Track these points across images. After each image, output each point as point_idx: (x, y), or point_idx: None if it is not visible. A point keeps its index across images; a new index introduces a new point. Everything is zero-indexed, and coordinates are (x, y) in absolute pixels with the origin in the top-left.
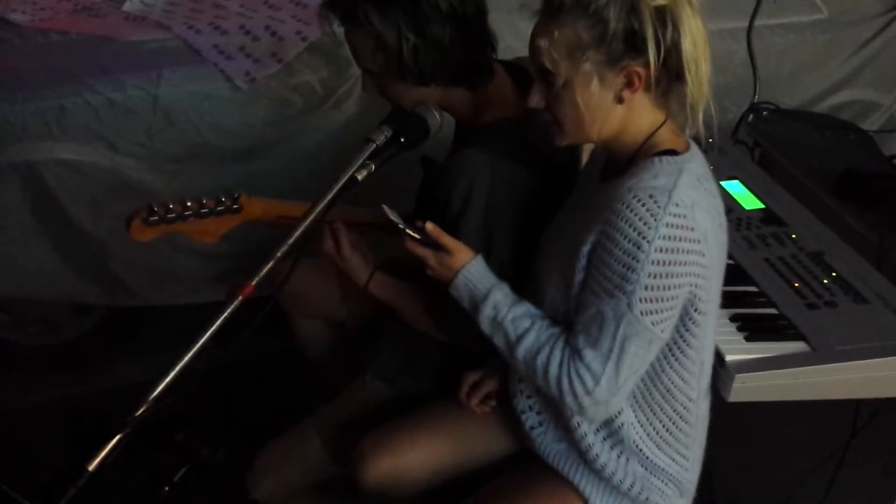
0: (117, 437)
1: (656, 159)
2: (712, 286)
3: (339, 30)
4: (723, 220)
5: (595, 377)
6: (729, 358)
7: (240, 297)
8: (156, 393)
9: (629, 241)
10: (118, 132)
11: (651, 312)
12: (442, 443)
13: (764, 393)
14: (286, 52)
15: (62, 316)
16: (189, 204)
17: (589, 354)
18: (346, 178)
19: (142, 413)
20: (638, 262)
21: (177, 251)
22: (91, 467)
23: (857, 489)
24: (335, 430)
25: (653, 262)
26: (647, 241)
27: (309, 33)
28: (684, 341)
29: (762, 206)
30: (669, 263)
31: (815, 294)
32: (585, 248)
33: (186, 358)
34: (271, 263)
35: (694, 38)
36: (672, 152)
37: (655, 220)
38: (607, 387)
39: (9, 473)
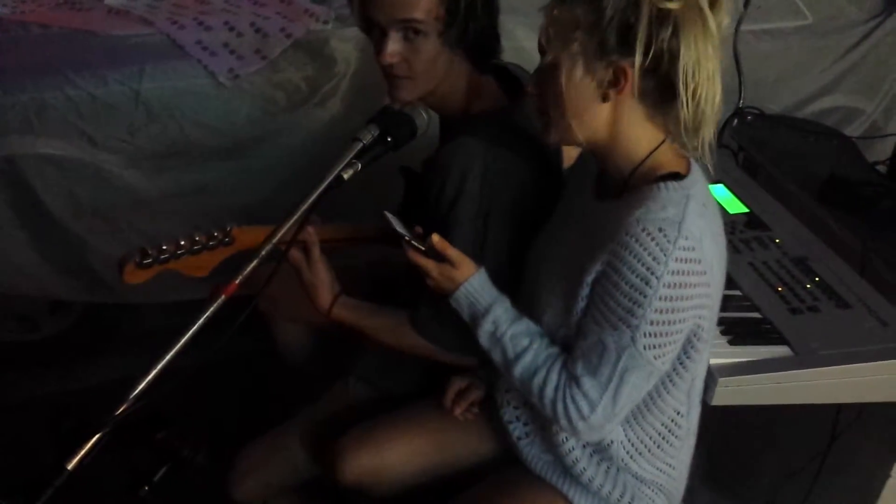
0: (97, 435)
1: (662, 185)
2: (714, 313)
3: (326, 27)
4: (724, 240)
5: (591, 405)
6: (712, 362)
7: (223, 297)
8: (136, 391)
9: (637, 276)
10: (99, 127)
11: (654, 346)
12: (423, 442)
13: (746, 397)
14: (270, 49)
15: (40, 313)
16: (182, 242)
17: (587, 382)
18: (333, 176)
19: (122, 412)
20: (645, 297)
21: None
22: (70, 466)
23: (836, 494)
24: (317, 431)
25: (660, 298)
26: (656, 277)
27: (294, 30)
28: (682, 366)
29: (746, 210)
30: (676, 298)
31: (799, 299)
32: (589, 278)
33: (168, 356)
34: (255, 262)
35: (698, 56)
36: (676, 175)
37: (665, 254)
38: (603, 414)
39: None
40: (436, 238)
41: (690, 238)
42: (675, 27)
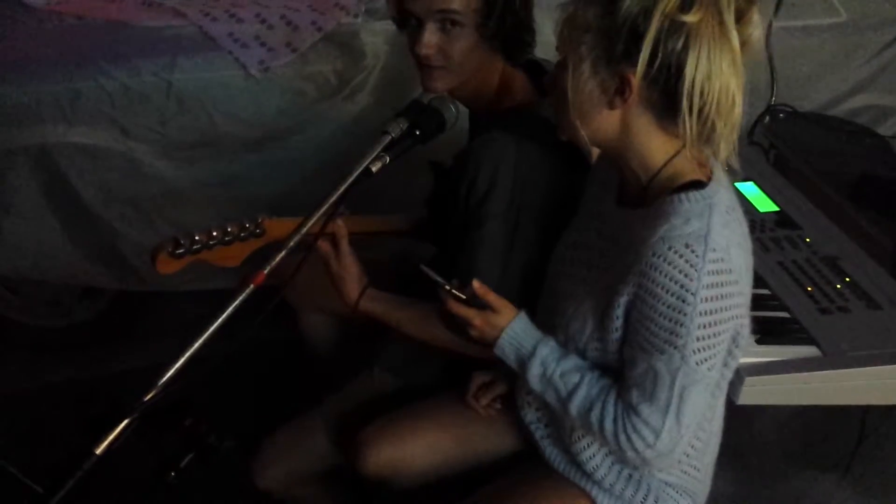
0: (126, 421)
1: (683, 197)
2: (748, 315)
3: (356, 20)
4: (749, 244)
5: (655, 431)
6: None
7: (251, 286)
8: (165, 378)
9: (673, 296)
10: (131, 117)
11: (705, 360)
12: (445, 435)
13: (773, 396)
14: (301, 42)
15: (71, 299)
16: (214, 233)
17: (646, 410)
18: (361, 169)
19: (151, 398)
20: (686, 315)
21: None
22: (99, 451)
23: (862, 496)
24: (341, 421)
25: (701, 313)
26: (692, 294)
27: (324, 23)
28: (721, 376)
29: (776, 208)
30: (716, 311)
31: (828, 299)
32: (621, 299)
33: (197, 344)
34: (283, 253)
35: (710, 71)
36: (697, 184)
37: (697, 270)
38: (669, 438)
39: (17, 455)
40: (476, 284)
41: (718, 249)
42: (686, 40)
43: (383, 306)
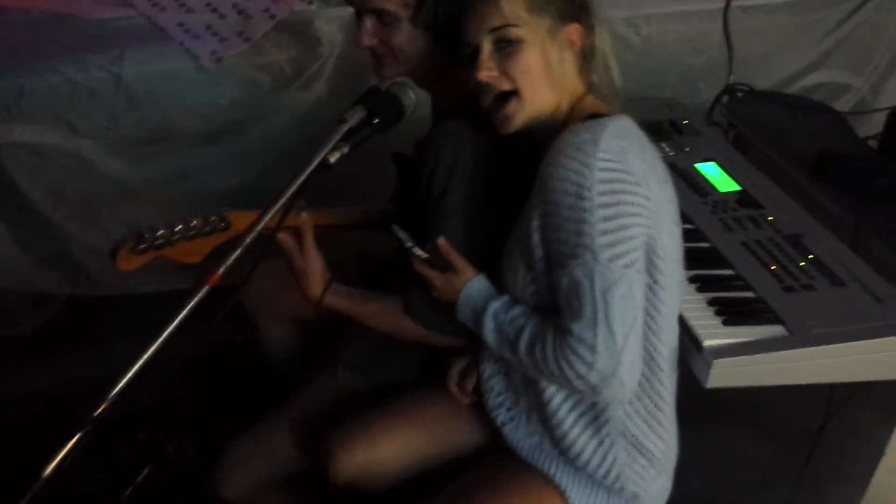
0: (74, 438)
1: (579, 123)
2: (664, 237)
3: (310, 7)
4: (666, 175)
5: (590, 347)
6: (707, 343)
7: (206, 286)
8: (116, 389)
9: (571, 196)
10: (80, 114)
11: (618, 257)
12: (416, 434)
13: (742, 378)
14: (254, 31)
15: (21, 307)
16: (178, 228)
17: (576, 327)
18: (319, 160)
19: (100, 412)
20: (585, 210)
21: None
22: (46, 473)
23: (830, 473)
24: (305, 423)
25: (600, 206)
26: (588, 189)
27: (277, 11)
28: (655, 296)
29: (738, 188)
30: (616, 205)
31: (793, 277)
32: (534, 223)
33: (150, 350)
34: (239, 251)
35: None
36: (595, 116)
37: (588, 167)
38: (607, 352)
39: None
40: (441, 241)
41: (610, 152)
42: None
43: (348, 301)
